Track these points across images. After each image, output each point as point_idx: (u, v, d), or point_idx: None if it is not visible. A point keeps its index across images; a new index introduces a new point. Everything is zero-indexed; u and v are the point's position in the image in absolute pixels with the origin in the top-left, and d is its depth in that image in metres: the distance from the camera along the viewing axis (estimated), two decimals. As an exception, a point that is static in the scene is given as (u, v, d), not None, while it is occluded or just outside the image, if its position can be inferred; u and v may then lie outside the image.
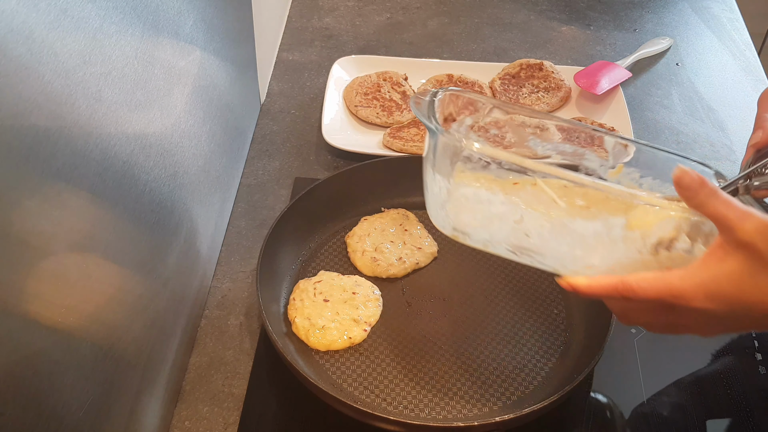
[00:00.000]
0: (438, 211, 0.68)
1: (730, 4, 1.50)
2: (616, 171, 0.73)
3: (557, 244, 0.66)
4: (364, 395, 0.81)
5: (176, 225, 0.77)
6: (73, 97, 0.53)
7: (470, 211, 0.67)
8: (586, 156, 0.74)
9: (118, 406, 0.66)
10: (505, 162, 0.65)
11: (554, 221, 0.65)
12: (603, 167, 0.73)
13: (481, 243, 0.69)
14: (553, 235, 0.66)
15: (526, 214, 0.65)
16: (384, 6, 1.46)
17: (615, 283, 0.61)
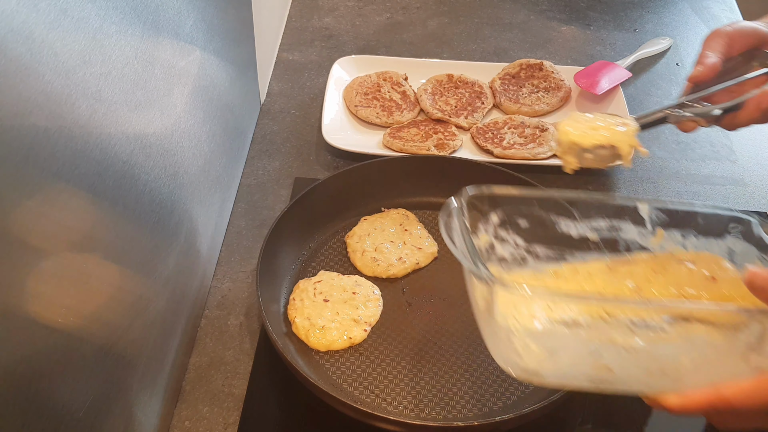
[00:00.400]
0: (504, 355, 0.63)
1: (730, 4, 1.50)
2: (657, 237, 0.71)
3: (640, 371, 0.62)
4: (364, 395, 0.81)
5: (176, 225, 0.77)
6: (73, 97, 0.53)
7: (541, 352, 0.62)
8: (622, 228, 0.72)
9: (118, 406, 0.66)
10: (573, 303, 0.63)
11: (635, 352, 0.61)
12: (642, 235, 0.72)
13: (556, 380, 0.65)
14: (635, 363, 0.61)
15: (603, 348, 0.61)
16: (384, 6, 1.46)
17: (711, 398, 0.58)
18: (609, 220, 0.72)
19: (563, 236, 0.71)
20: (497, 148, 1.09)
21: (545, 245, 0.71)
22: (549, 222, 0.71)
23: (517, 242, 0.71)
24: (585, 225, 0.71)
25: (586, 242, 0.72)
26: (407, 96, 1.20)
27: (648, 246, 0.71)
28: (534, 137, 1.12)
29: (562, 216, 0.71)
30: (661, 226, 0.71)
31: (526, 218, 0.71)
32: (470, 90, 1.21)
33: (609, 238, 0.72)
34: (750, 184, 1.12)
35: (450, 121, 1.16)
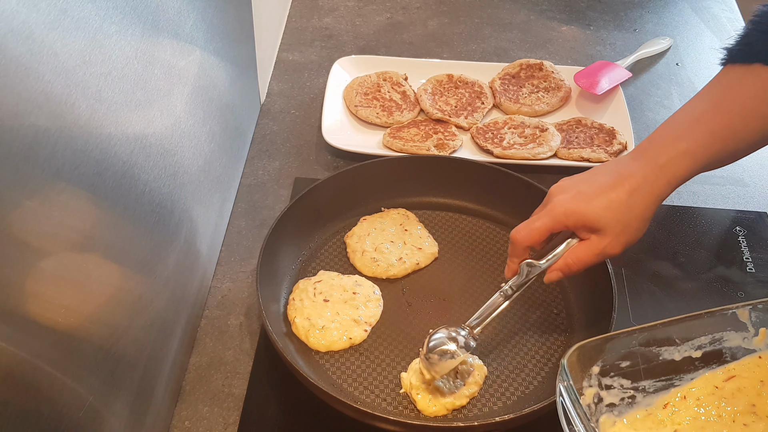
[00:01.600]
0: None
1: (730, 4, 1.50)
2: (760, 338, 0.72)
3: None
4: (364, 395, 0.81)
5: (176, 225, 0.77)
6: (73, 97, 0.53)
7: None
8: (724, 338, 0.72)
9: (118, 406, 0.66)
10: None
11: None
12: (746, 340, 0.72)
13: None
14: None
15: None
16: (384, 6, 1.46)
17: None
18: (710, 335, 0.71)
19: (667, 363, 0.71)
20: (497, 148, 1.09)
21: (652, 378, 0.71)
22: (651, 355, 0.70)
23: (623, 384, 0.70)
24: (687, 346, 0.71)
25: (691, 362, 0.71)
26: (407, 96, 1.20)
27: (753, 348, 0.72)
28: (534, 137, 1.12)
29: (663, 345, 0.70)
30: (762, 326, 0.71)
31: (627, 358, 0.70)
32: (470, 90, 1.21)
33: (713, 351, 0.72)
34: (750, 184, 1.12)
35: (450, 121, 1.16)
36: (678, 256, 1.00)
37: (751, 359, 0.72)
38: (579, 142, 1.12)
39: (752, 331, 0.72)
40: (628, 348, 0.69)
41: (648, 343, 0.70)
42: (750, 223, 1.04)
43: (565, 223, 0.76)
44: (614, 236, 0.75)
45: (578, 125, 1.15)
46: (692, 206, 1.07)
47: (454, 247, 0.97)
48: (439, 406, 0.78)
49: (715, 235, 1.03)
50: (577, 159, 1.08)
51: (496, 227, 1.00)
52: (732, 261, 0.99)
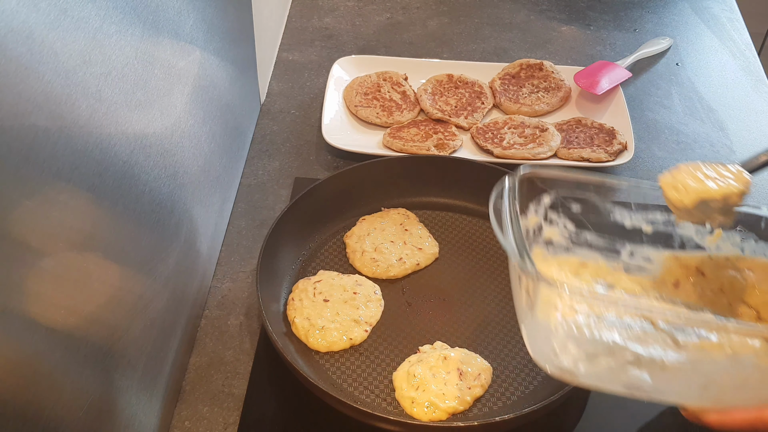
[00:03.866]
0: (541, 351, 0.63)
1: (730, 4, 1.50)
2: (714, 237, 0.69)
3: (680, 383, 0.61)
4: (364, 395, 0.81)
5: (176, 225, 0.77)
6: (73, 97, 0.53)
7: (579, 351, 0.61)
8: (680, 223, 0.70)
9: (118, 406, 0.66)
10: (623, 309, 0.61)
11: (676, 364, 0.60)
12: (699, 234, 0.70)
13: (591, 382, 0.64)
14: (674, 375, 0.60)
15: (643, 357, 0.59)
16: (384, 6, 1.46)
17: (752, 418, 0.57)
18: (667, 213, 0.69)
19: (616, 225, 0.69)
20: (497, 148, 1.09)
21: (596, 233, 0.69)
22: (603, 209, 0.69)
23: (567, 226, 0.69)
24: (640, 216, 0.69)
25: (639, 234, 0.69)
26: (407, 96, 1.20)
27: (704, 245, 0.69)
28: (534, 137, 1.12)
29: (617, 205, 0.69)
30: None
31: (580, 203, 0.68)
32: (470, 90, 1.21)
33: (664, 232, 0.70)
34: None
35: (450, 121, 1.16)
36: (678, 256, 1.00)
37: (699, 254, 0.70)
38: (579, 142, 1.12)
39: (708, 228, 0.69)
40: (583, 192, 0.68)
41: (605, 196, 0.68)
42: (750, 223, 1.04)
43: None
44: None
45: (578, 125, 1.15)
46: (692, 206, 1.07)
47: (454, 247, 0.97)
48: (440, 412, 0.78)
49: (715, 235, 1.03)
50: (577, 159, 1.08)
51: (496, 227, 1.00)
52: (732, 261, 0.99)
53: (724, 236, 0.69)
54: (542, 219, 0.68)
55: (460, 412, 0.79)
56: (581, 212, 0.68)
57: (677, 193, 0.70)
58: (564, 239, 0.69)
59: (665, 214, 0.69)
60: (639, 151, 1.14)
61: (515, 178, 0.64)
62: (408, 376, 0.80)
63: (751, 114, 1.24)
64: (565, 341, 0.59)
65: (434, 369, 0.80)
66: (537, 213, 0.67)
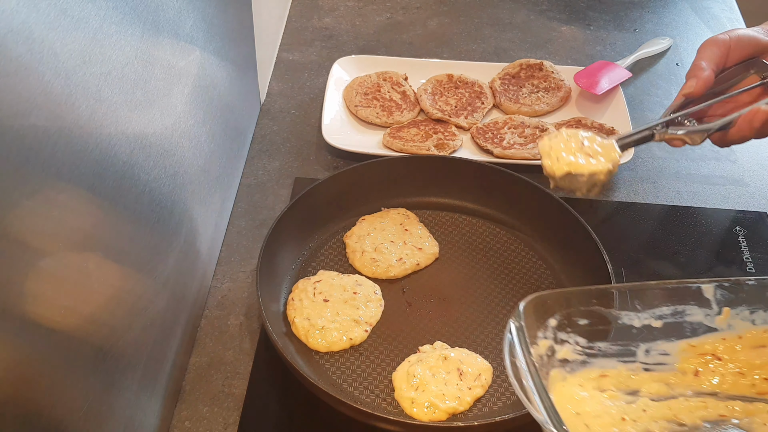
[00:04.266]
0: None
1: (730, 4, 1.50)
2: (723, 317, 0.70)
3: None
4: (364, 395, 0.81)
5: (176, 225, 0.77)
6: (73, 97, 0.53)
7: None
8: (687, 312, 0.70)
9: (118, 406, 0.66)
10: None
11: None
12: (708, 317, 0.70)
13: None
14: None
15: None
16: (384, 6, 1.46)
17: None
18: (672, 306, 0.70)
19: (626, 329, 0.69)
20: (497, 148, 1.09)
21: (608, 341, 0.69)
22: (610, 317, 0.69)
23: (579, 342, 0.68)
24: (647, 314, 0.70)
25: (651, 331, 0.70)
26: (407, 96, 1.20)
27: (715, 326, 0.70)
28: (534, 137, 1.12)
29: (624, 310, 0.69)
30: (727, 305, 0.70)
31: (585, 316, 0.68)
32: (470, 90, 1.21)
33: (674, 323, 0.71)
34: (750, 184, 1.12)
35: (450, 121, 1.16)
36: (678, 256, 1.00)
37: (712, 337, 0.70)
38: (579, 142, 1.12)
39: (715, 309, 0.70)
40: (587, 306, 0.68)
41: (609, 305, 0.69)
42: (750, 223, 1.04)
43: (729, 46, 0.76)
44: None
45: (578, 125, 1.15)
46: (692, 206, 1.07)
47: (454, 247, 0.97)
48: (440, 412, 0.78)
49: (715, 235, 1.03)
50: (577, 159, 1.08)
51: (496, 227, 1.00)
52: (732, 261, 0.99)
53: (732, 314, 0.70)
54: (552, 342, 0.67)
55: (460, 412, 0.79)
56: (589, 324, 0.69)
57: (549, 161, 0.79)
58: (578, 355, 0.69)
59: (671, 306, 0.70)
60: (639, 151, 1.14)
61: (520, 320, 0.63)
62: (408, 376, 0.80)
63: (751, 114, 1.24)
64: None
65: (434, 369, 0.80)
66: (546, 338, 0.67)
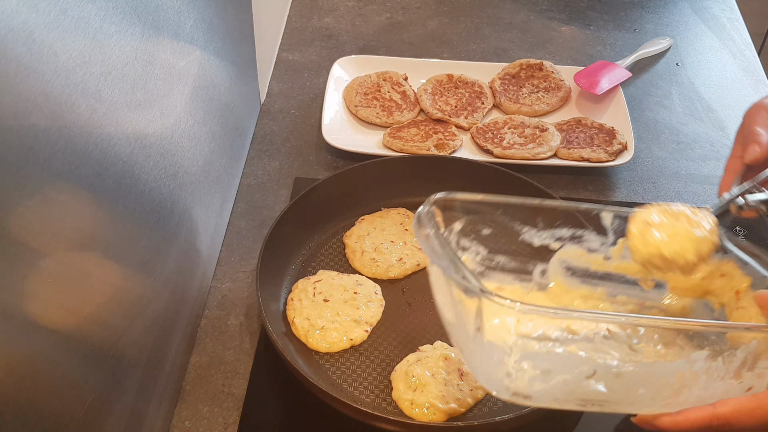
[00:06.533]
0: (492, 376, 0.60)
1: (730, 4, 1.50)
2: (617, 249, 0.70)
3: (633, 390, 0.60)
4: (364, 395, 0.81)
5: (176, 225, 0.77)
6: (73, 97, 0.53)
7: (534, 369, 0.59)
8: (584, 238, 0.70)
9: (118, 406, 0.66)
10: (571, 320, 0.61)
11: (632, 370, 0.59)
12: (604, 246, 0.70)
13: (546, 401, 0.61)
14: (629, 383, 0.60)
15: (599, 367, 0.59)
16: (384, 6, 1.46)
17: (706, 418, 0.57)
18: (572, 229, 0.70)
19: (526, 246, 0.70)
20: (497, 148, 1.09)
21: (507, 255, 0.70)
22: (512, 230, 0.69)
23: (479, 251, 0.69)
24: (548, 234, 0.70)
25: (548, 252, 0.70)
26: (407, 96, 1.20)
27: (610, 256, 0.70)
28: (534, 137, 1.12)
29: (526, 225, 0.70)
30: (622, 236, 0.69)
31: (490, 226, 0.69)
32: (470, 90, 1.21)
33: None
34: (750, 184, 1.12)
35: (450, 121, 1.16)
36: (678, 256, 1.00)
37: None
38: (579, 142, 1.12)
39: (611, 239, 0.70)
40: (492, 215, 0.69)
41: (512, 217, 0.69)
42: (750, 223, 1.04)
43: None
44: None
45: (578, 125, 1.15)
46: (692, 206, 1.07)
47: (454, 247, 0.97)
48: (439, 413, 0.78)
49: (715, 235, 1.03)
50: (577, 159, 1.08)
51: (496, 227, 1.00)
52: (732, 261, 0.99)
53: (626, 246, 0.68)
54: (455, 246, 0.68)
55: (461, 413, 0.79)
56: (492, 235, 0.69)
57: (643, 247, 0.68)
58: (477, 265, 0.69)
59: (571, 229, 0.70)
60: (639, 151, 1.14)
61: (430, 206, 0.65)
62: (406, 376, 0.80)
63: (751, 114, 1.24)
64: (519, 361, 0.58)
65: (434, 369, 0.80)
66: (450, 240, 0.68)
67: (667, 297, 0.70)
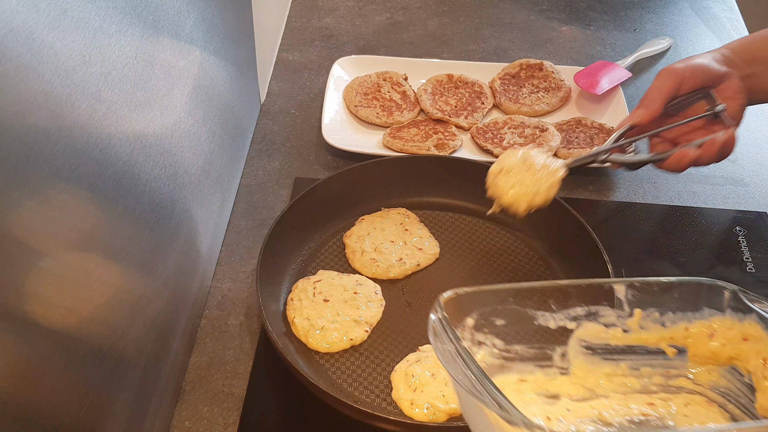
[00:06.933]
0: None
1: (730, 4, 1.50)
2: (635, 318, 0.69)
3: None
4: (364, 395, 0.81)
5: (176, 225, 0.77)
6: (73, 97, 0.53)
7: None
8: (600, 314, 0.70)
9: (118, 406, 0.66)
10: None
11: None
12: (621, 318, 0.70)
13: None
14: None
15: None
16: (384, 6, 1.46)
17: None
18: (586, 306, 0.69)
19: (543, 330, 0.69)
20: (497, 148, 1.09)
21: (525, 343, 0.68)
22: (526, 317, 0.68)
23: (496, 344, 0.68)
24: (563, 315, 0.69)
25: (566, 333, 0.69)
26: (407, 96, 1.20)
27: (627, 328, 0.70)
28: (534, 137, 1.12)
29: (540, 309, 0.68)
30: (638, 306, 0.69)
31: (502, 316, 0.67)
32: (470, 90, 1.21)
33: None
34: (750, 184, 1.12)
35: (450, 121, 1.16)
36: (678, 256, 1.00)
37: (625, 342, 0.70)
38: (579, 142, 1.12)
39: (627, 311, 0.69)
40: (504, 304, 0.67)
41: (525, 304, 0.68)
42: (750, 223, 1.04)
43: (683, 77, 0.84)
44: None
45: (578, 125, 1.15)
46: (692, 206, 1.07)
47: (453, 247, 0.97)
48: (440, 413, 0.78)
49: (715, 235, 1.03)
50: (577, 159, 1.08)
51: (496, 227, 1.00)
52: (732, 261, 0.99)
53: (644, 315, 0.69)
54: (470, 343, 0.66)
55: (461, 413, 0.78)
56: (506, 325, 0.68)
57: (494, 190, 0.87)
58: (496, 359, 0.68)
59: (585, 307, 0.69)
60: (639, 151, 1.14)
61: (439, 312, 0.62)
62: (406, 376, 0.80)
63: (751, 113, 1.24)
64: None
65: (434, 369, 0.80)
66: (464, 338, 0.66)
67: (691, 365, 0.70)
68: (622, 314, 0.70)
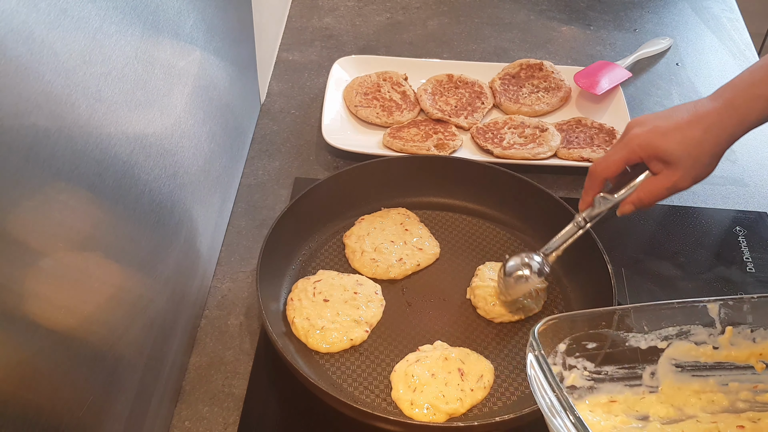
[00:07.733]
0: None
1: (730, 4, 1.50)
2: (726, 336, 0.71)
3: None
4: (364, 395, 0.81)
5: (176, 225, 0.77)
6: (73, 97, 0.53)
7: None
8: (691, 332, 0.71)
9: (118, 406, 0.66)
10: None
11: None
12: (712, 336, 0.71)
13: None
14: None
15: None
16: (384, 6, 1.46)
17: None
18: (678, 326, 0.70)
19: (633, 351, 0.70)
20: (497, 148, 1.09)
21: (615, 364, 0.70)
22: (618, 339, 0.69)
23: (587, 367, 0.69)
24: (654, 335, 0.70)
25: (656, 352, 0.70)
26: (407, 96, 1.20)
27: (718, 345, 0.71)
28: (534, 137, 1.12)
29: (631, 331, 0.70)
30: (729, 323, 0.70)
31: (593, 339, 0.68)
32: (470, 90, 1.21)
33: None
34: (750, 184, 1.12)
35: (450, 121, 1.16)
36: (678, 256, 1.00)
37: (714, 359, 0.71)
38: (579, 142, 1.12)
39: (719, 328, 0.71)
40: (595, 328, 0.68)
41: (616, 326, 0.69)
42: (750, 223, 1.04)
43: (639, 155, 0.80)
44: (685, 170, 0.79)
45: (578, 125, 1.15)
46: (692, 206, 1.07)
47: (453, 247, 0.97)
48: (440, 414, 0.78)
49: (715, 235, 1.03)
50: (577, 159, 1.08)
51: (496, 227, 1.00)
52: (732, 261, 0.99)
53: (735, 332, 0.71)
54: (561, 368, 0.68)
55: (461, 413, 0.79)
56: (597, 348, 0.69)
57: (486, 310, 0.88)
58: (586, 381, 0.69)
59: (677, 327, 0.71)
60: (639, 151, 1.14)
61: (536, 345, 0.62)
62: (406, 376, 0.80)
63: (751, 114, 1.24)
64: None
65: (434, 369, 0.80)
66: (555, 364, 0.67)
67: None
68: (714, 332, 0.71)
